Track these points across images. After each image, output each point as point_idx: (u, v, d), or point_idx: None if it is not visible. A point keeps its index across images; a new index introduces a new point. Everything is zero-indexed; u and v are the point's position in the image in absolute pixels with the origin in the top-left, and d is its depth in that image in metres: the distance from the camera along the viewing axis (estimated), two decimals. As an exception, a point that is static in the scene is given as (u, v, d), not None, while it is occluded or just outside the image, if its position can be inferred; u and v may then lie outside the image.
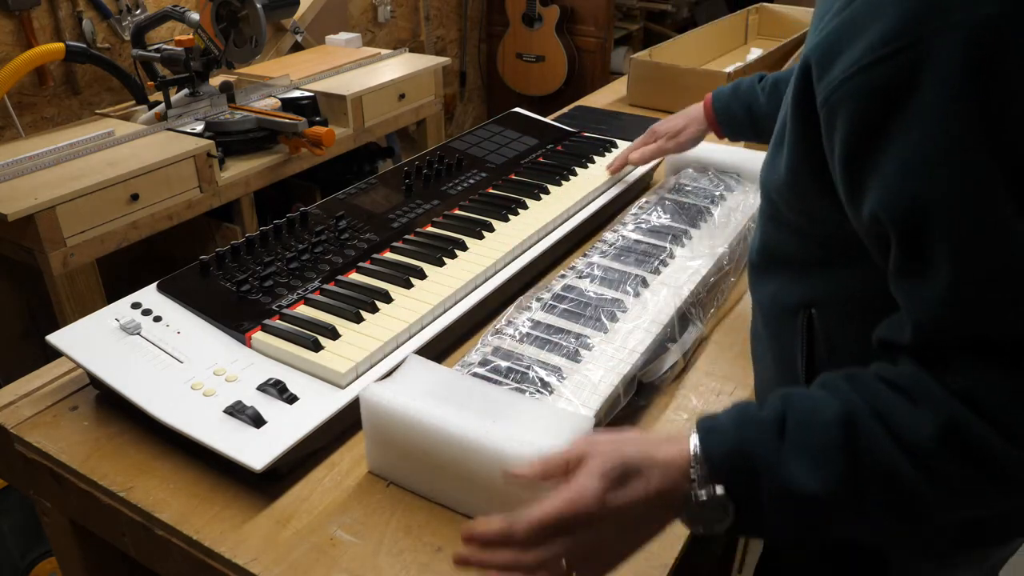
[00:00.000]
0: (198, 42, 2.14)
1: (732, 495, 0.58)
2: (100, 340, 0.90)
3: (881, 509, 0.57)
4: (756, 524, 0.59)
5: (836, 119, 0.57)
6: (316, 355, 0.88)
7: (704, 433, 0.60)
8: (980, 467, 0.54)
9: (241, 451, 0.77)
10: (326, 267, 1.05)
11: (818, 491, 0.56)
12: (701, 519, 0.59)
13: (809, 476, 0.56)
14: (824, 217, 0.66)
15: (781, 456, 0.57)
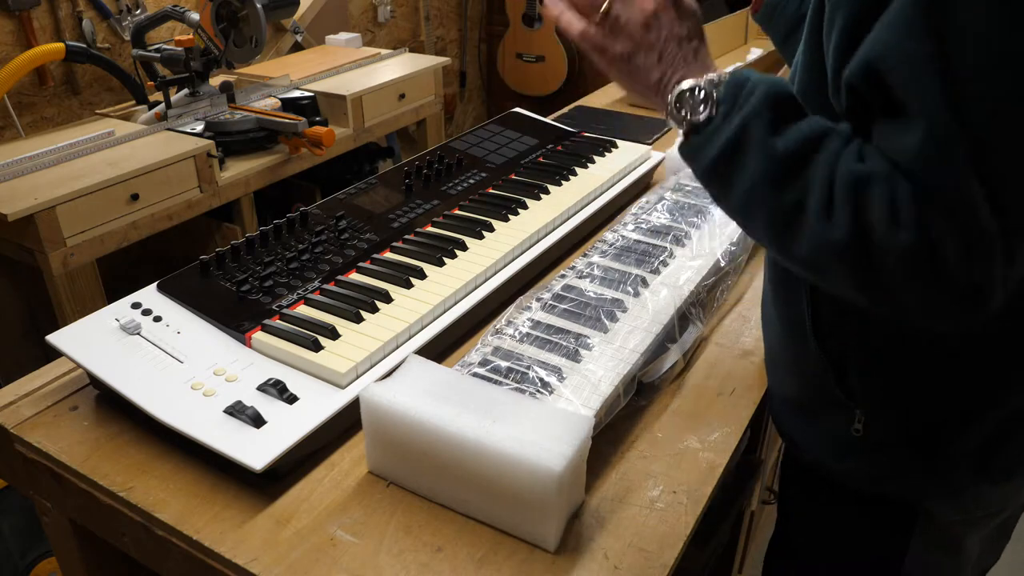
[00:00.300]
0: (198, 42, 2.14)
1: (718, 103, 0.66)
2: (100, 340, 0.90)
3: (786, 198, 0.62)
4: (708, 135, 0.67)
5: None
6: (316, 355, 0.88)
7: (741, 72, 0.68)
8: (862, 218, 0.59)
9: (241, 451, 0.77)
10: (326, 267, 1.05)
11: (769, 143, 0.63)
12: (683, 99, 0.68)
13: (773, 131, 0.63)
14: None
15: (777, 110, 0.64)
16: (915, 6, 0.55)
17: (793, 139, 0.63)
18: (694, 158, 0.69)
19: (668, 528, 0.76)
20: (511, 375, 0.88)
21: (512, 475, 0.71)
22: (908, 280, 0.59)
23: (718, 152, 0.66)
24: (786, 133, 0.63)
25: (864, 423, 0.78)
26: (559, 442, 0.72)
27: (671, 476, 0.82)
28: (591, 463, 0.78)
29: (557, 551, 0.73)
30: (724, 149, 0.66)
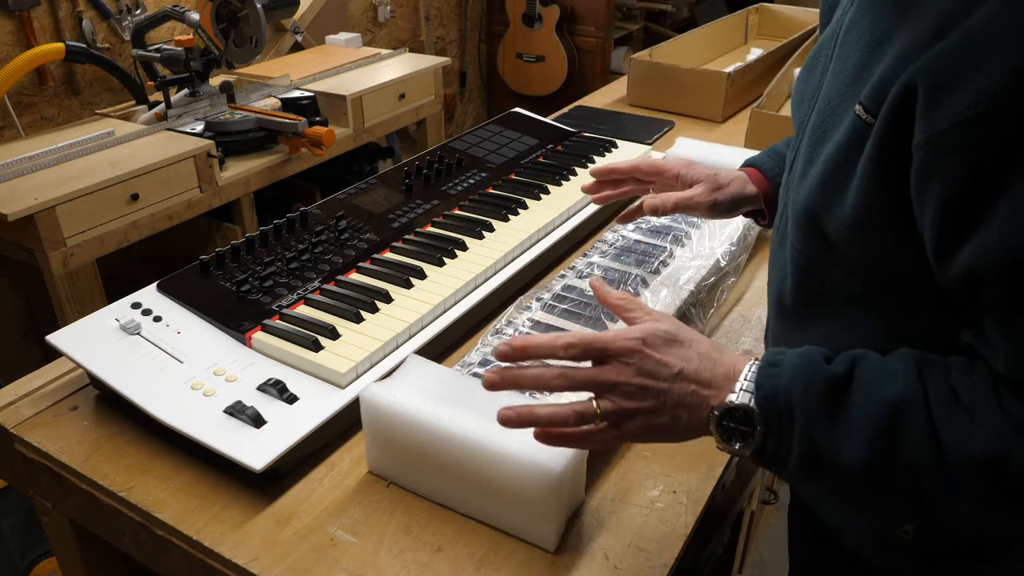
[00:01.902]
0: (198, 42, 2.14)
1: (765, 423, 0.59)
2: (100, 340, 0.90)
3: (894, 500, 0.57)
4: (775, 457, 0.60)
5: (940, 163, 0.52)
6: (316, 355, 0.88)
7: (765, 363, 0.61)
8: (1012, 503, 0.54)
9: (241, 451, 0.77)
10: (326, 267, 1.05)
11: (844, 459, 0.56)
12: (729, 430, 0.60)
13: (841, 443, 0.57)
14: (895, 258, 0.62)
15: (821, 413, 0.57)
16: None
17: (860, 443, 0.56)
18: (773, 470, 0.63)
19: (668, 528, 0.76)
20: (511, 375, 0.88)
21: (512, 475, 0.71)
22: None
23: (797, 473, 0.60)
24: (850, 439, 0.56)
25: (914, 528, 0.71)
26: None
27: (671, 476, 0.82)
28: (591, 463, 0.78)
29: (557, 551, 0.73)
30: (800, 472, 0.60)
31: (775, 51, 2.11)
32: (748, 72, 1.95)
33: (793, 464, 0.59)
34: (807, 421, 0.58)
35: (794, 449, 0.59)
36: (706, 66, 2.18)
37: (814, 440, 0.58)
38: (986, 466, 0.53)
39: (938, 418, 0.55)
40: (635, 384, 0.61)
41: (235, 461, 0.76)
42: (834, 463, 0.57)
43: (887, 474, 0.56)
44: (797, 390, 0.59)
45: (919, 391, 0.56)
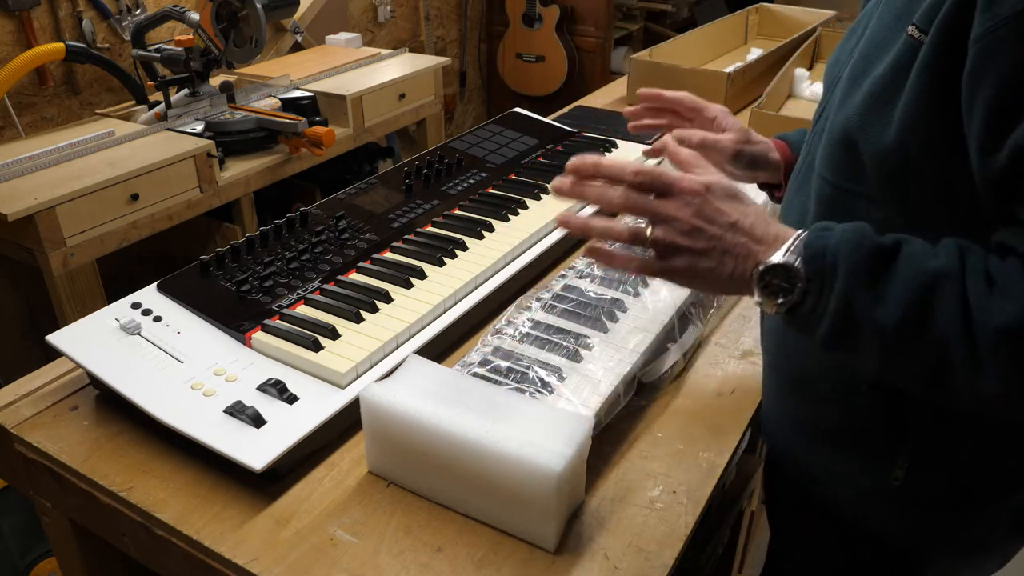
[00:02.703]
0: (198, 42, 2.14)
1: (807, 280, 0.61)
2: (100, 340, 0.90)
3: (918, 363, 0.59)
4: (809, 317, 0.62)
5: (1002, 48, 0.55)
6: (316, 355, 0.88)
7: (817, 227, 0.64)
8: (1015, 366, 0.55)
9: (241, 451, 0.77)
10: (326, 267, 1.05)
11: (878, 321, 0.59)
12: (771, 286, 0.63)
13: (877, 305, 0.59)
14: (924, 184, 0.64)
15: (863, 275, 0.60)
16: None
17: (900, 306, 0.59)
18: (804, 335, 0.65)
19: (668, 528, 0.76)
20: (511, 375, 0.88)
21: (512, 475, 0.71)
22: None
23: (827, 335, 0.62)
24: (887, 302, 0.59)
25: (907, 472, 0.73)
26: (559, 442, 0.71)
27: (671, 476, 0.82)
28: (591, 463, 0.78)
29: (557, 551, 0.73)
30: (831, 333, 0.62)
31: (775, 51, 2.11)
32: (748, 72, 1.95)
33: (826, 324, 0.61)
34: (849, 280, 0.60)
35: (831, 305, 0.61)
36: (706, 66, 2.18)
37: (850, 300, 0.60)
38: (1009, 336, 0.55)
39: (971, 292, 0.57)
40: (692, 224, 0.65)
41: (235, 461, 0.76)
42: (867, 325, 0.59)
43: (916, 340, 0.58)
44: (845, 251, 0.61)
45: (957, 268, 0.59)
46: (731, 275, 0.65)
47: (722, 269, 0.65)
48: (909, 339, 0.59)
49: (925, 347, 0.59)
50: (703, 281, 0.66)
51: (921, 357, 0.59)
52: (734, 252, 0.64)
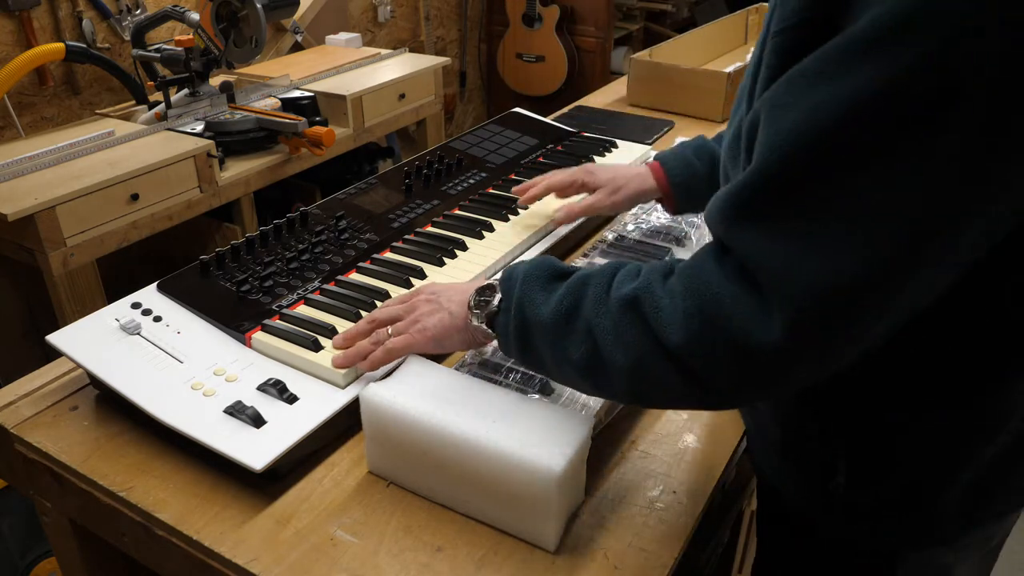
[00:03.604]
0: (198, 42, 2.14)
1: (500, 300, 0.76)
2: (100, 340, 0.90)
3: (575, 352, 0.68)
4: (505, 329, 0.75)
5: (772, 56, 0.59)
6: (316, 355, 0.88)
7: (514, 263, 0.79)
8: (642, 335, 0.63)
9: (241, 451, 0.77)
10: (326, 267, 1.05)
11: (540, 316, 0.70)
12: (479, 303, 0.78)
13: (541, 305, 0.71)
14: None
15: (536, 285, 0.72)
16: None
17: (554, 301, 0.70)
18: (507, 352, 0.77)
19: (668, 528, 0.76)
20: (511, 375, 0.88)
21: (512, 475, 0.71)
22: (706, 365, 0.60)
23: (514, 340, 0.74)
24: (549, 301, 0.70)
25: (847, 478, 0.74)
26: (559, 442, 0.71)
27: (671, 476, 0.82)
28: (591, 463, 0.78)
29: (557, 551, 0.73)
30: (516, 337, 0.73)
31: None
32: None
33: (511, 332, 0.74)
34: (522, 287, 0.73)
35: (511, 311, 0.73)
36: (706, 66, 2.18)
37: (523, 304, 0.72)
38: (629, 303, 0.64)
39: (615, 281, 0.67)
40: (407, 306, 0.86)
41: (235, 461, 0.76)
42: (535, 323, 0.71)
43: (571, 330, 0.68)
44: (526, 268, 0.75)
45: (613, 267, 0.69)
46: (452, 315, 0.81)
47: (445, 317, 0.82)
48: (563, 331, 0.68)
49: (576, 336, 0.67)
50: (436, 332, 0.82)
51: (575, 345, 0.67)
52: (447, 303, 0.82)
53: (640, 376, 0.64)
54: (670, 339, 0.60)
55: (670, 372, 0.62)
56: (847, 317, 0.55)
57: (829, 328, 0.56)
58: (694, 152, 1.06)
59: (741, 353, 0.58)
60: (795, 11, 0.56)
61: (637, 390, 0.67)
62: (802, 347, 0.56)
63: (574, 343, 0.68)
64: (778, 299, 0.55)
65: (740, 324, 0.57)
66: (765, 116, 0.57)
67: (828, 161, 0.53)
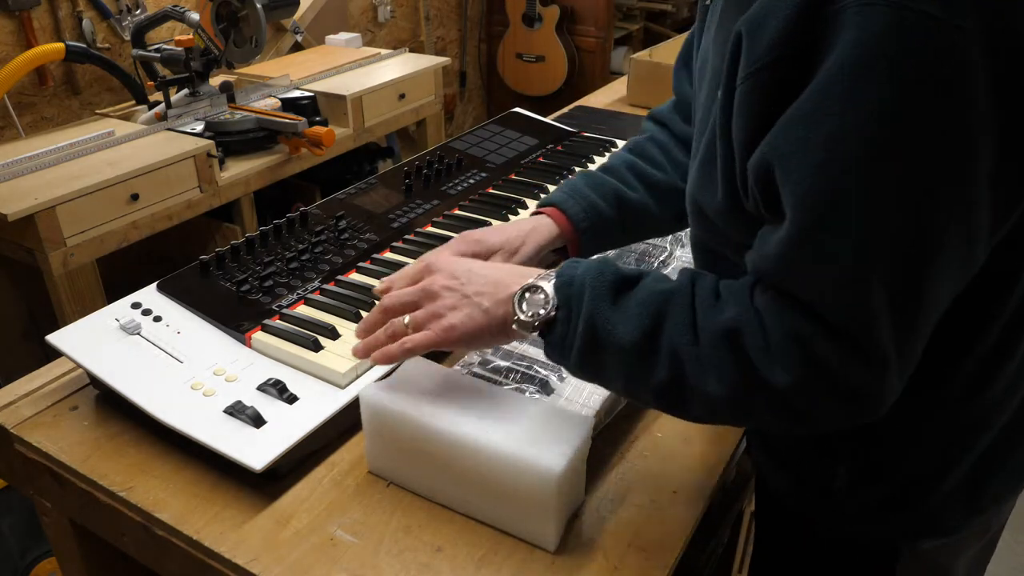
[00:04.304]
0: (198, 42, 2.14)
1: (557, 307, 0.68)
2: (100, 340, 0.90)
3: (656, 376, 0.64)
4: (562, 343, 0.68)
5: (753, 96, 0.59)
6: (316, 355, 0.88)
7: (566, 263, 0.70)
8: (743, 371, 0.60)
9: (241, 451, 0.77)
10: (326, 267, 1.05)
11: (617, 337, 0.64)
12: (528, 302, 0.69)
13: (617, 324, 0.65)
14: None
15: (606, 297, 0.66)
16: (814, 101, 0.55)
17: (633, 322, 0.64)
18: (559, 361, 0.70)
19: (668, 528, 0.76)
20: (511, 375, 0.88)
21: (512, 475, 0.71)
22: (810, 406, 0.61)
23: (577, 358, 0.67)
24: (625, 320, 0.65)
25: (848, 482, 0.75)
26: (559, 442, 0.71)
27: (671, 476, 0.82)
28: (591, 463, 0.78)
29: (557, 551, 0.73)
30: (580, 355, 0.67)
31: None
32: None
33: (576, 346, 0.67)
34: (592, 301, 0.66)
35: (579, 327, 0.66)
36: (706, 66, 2.18)
37: (594, 320, 0.65)
38: (727, 336, 0.61)
39: (698, 304, 0.64)
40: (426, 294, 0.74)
41: (235, 461, 0.76)
42: (608, 343, 0.65)
43: (651, 354, 0.64)
44: (590, 277, 0.67)
45: (688, 287, 0.65)
46: (487, 313, 0.71)
47: (477, 315, 0.71)
48: (645, 353, 0.64)
49: (659, 359, 0.63)
50: (467, 331, 0.71)
51: (657, 369, 0.64)
52: (477, 296, 0.71)
53: (734, 407, 0.63)
54: (777, 381, 0.59)
55: (769, 407, 0.62)
56: (921, 328, 0.59)
57: (915, 352, 0.60)
58: (593, 190, 0.94)
59: (848, 397, 0.60)
60: (769, 49, 0.56)
61: (723, 418, 0.67)
62: (898, 378, 0.59)
63: (656, 368, 0.64)
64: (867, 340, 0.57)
65: (846, 376, 0.58)
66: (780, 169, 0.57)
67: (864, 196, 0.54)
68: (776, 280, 0.61)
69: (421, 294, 0.75)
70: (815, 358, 0.58)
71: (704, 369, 0.62)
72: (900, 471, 0.73)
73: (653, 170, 0.96)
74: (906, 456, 0.72)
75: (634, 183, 0.95)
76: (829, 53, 0.53)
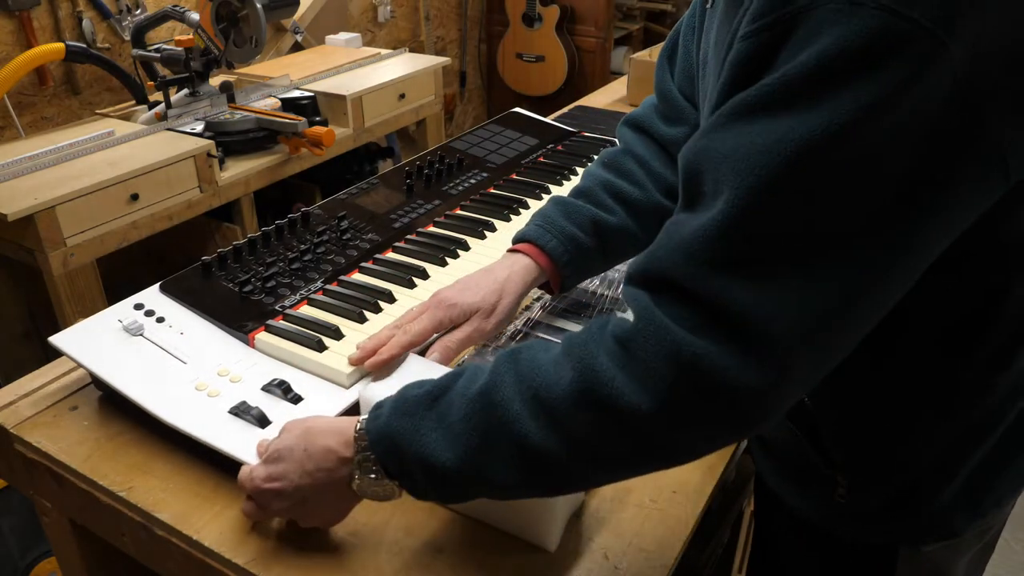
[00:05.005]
0: (198, 42, 2.14)
1: (387, 472, 0.64)
2: (103, 342, 0.90)
3: (520, 476, 0.60)
4: (421, 492, 0.65)
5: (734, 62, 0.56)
6: (320, 355, 0.88)
7: (371, 412, 0.66)
8: (613, 422, 0.56)
9: (248, 452, 0.76)
10: (328, 267, 1.05)
11: (451, 464, 0.60)
12: (374, 494, 0.67)
13: (443, 450, 0.61)
14: None
15: (421, 433, 0.61)
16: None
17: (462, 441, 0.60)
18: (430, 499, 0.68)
19: (668, 528, 0.76)
20: (512, 375, 0.88)
21: (513, 475, 0.71)
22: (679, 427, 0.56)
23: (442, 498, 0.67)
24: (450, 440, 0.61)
25: (848, 489, 0.74)
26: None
27: (671, 476, 0.82)
28: (592, 463, 0.78)
29: (557, 551, 0.73)
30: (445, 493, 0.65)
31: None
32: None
33: (430, 488, 0.64)
34: (411, 442, 0.62)
35: (416, 475, 0.63)
36: (706, 66, 2.17)
37: (426, 457, 0.61)
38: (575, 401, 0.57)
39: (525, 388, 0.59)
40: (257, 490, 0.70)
41: (242, 462, 0.76)
42: (446, 472, 0.61)
43: (492, 460, 0.59)
44: (395, 420, 0.63)
45: (508, 369, 0.60)
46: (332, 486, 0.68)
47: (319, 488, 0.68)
48: (486, 455, 0.60)
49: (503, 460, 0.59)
50: (312, 507, 0.70)
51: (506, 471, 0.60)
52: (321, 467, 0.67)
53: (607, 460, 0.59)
54: (643, 414, 0.54)
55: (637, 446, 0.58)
56: (832, 345, 0.55)
57: (817, 360, 0.55)
58: (569, 220, 0.91)
59: (727, 404, 0.54)
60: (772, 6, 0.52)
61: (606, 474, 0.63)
62: (792, 382, 0.55)
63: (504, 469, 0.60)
64: (766, 343, 0.52)
65: (726, 378, 0.53)
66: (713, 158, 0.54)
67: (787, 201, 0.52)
68: (679, 272, 0.55)
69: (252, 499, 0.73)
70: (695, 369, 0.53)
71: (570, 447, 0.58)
72: (901, 476, 0.73)
73: (631, 187, 0.92)
74: (907, 461, 0.72)
75: (612, 206, 0.92)
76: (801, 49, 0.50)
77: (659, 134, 0.95)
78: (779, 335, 0.52)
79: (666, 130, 0.94)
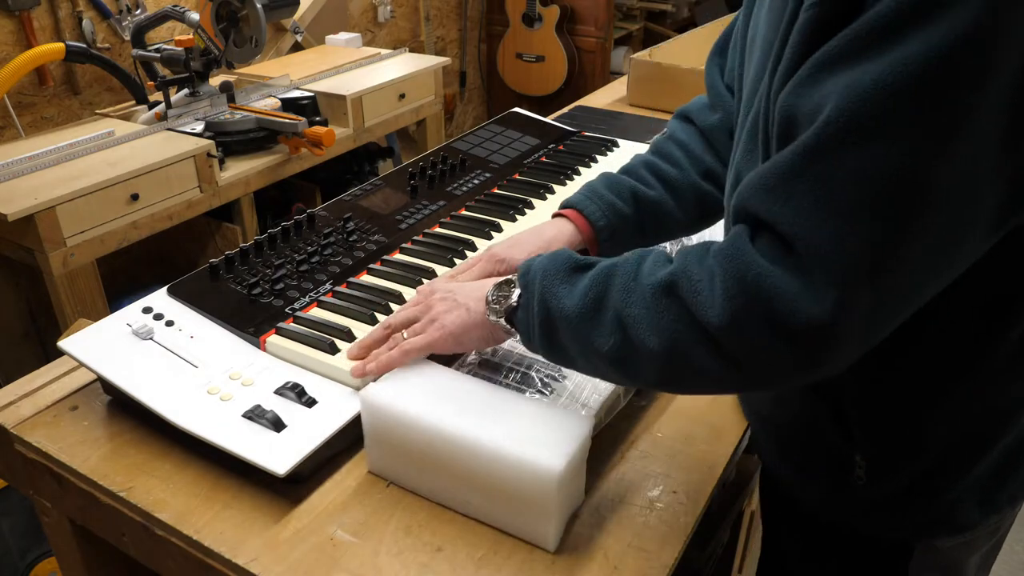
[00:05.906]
0: (198, 42, 2.14)
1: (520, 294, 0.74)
2: (113, 346, 0.89)
3: (608, 342, 0.66)
4: (527, 324, 0.73)
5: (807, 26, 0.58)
6: (333, 358, 0.87)
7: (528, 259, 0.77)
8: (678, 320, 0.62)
9: (263, 456, 0.76)
10: (336, 269, 1.05)
11: (563, 308, 0.69)
12: (497, 299, 0.77)
13: (565, 297, 0.70)
14: None
15: (558, 277, 0.71)
16: None
17: (579, 293, 0.69)
18: (531, 347, 0.75)
19: (668, 528, 0.76)
20: (511, 375, 0.88)
21: (512, 475, 0.71)
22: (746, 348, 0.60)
23: (539, 335, 0.72)
24: (573, 294, 0.69)
25: (867, 471, 0.74)
26: (559, 442, 0.71)
27: (671, 476, 0.82)
28: (591, 463, 0.78)
29: (557, 551, 0.74)
30: (540, 332, 0.72)
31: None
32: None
33: (535, 326, 0.72)
34: (543, 280, 0.72)
35: (535, 307, 0.72)
36: (706, 66, 2.18)
37: (546, 298, 0.71)
38: (662, 289, 0.64)
39: (643, 268, 0.67)
40: (423, 306, 0.83)
41: (258, 466, 0.76)
42: (561, 317, 0.69)
43: (598, 321, 0.67)
44: (544, 261, 0.74)
45: (638, 256, 0.69)
46: (471, 311, 0.79)
47: (463, 314, 0.80)
48: (592, 323, 0.67)
49: (604, 326, 0.66)
50: (454, 329, 0.80)
51: (605, 336, 0.66)
52: (464, 299, 0.80)
53: (676, 360, 0.63)
54: (711, 321, 0.59)
55: (708, 355, 0.61)
56: (894, 288, 0.56)
57: (878, 300, 0.56)
58: (609, 189, 0.95)
59: (786, 332, 0.57)
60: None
61: (670, 376, 0.67)
62: (850, 322, 0.56)
63: (603, 334, 0.66)
64: (826, 274, 0.54)
65: (786, 303, 0.56)
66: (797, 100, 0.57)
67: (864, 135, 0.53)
68: (757, 203, 0.59)
69: (419, 309, 0.83)
70: (758, 291, 0.57)
71: (646, 328, 0.64)
72: (921, 460, 0.73)
73: (671, 167, 0.96)
74: (929, 444, 0.72)
75: (651, 181, 0.96)
76: None
77: (701, 121, 0.99)
78: (843, 265, 0.54)
79: (708, 117, 0.98)
